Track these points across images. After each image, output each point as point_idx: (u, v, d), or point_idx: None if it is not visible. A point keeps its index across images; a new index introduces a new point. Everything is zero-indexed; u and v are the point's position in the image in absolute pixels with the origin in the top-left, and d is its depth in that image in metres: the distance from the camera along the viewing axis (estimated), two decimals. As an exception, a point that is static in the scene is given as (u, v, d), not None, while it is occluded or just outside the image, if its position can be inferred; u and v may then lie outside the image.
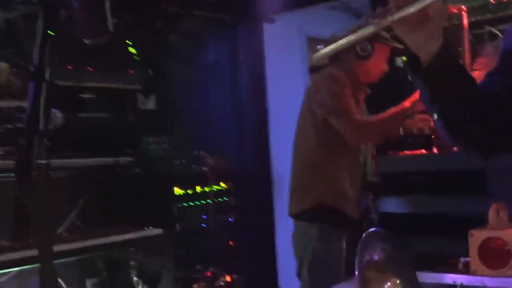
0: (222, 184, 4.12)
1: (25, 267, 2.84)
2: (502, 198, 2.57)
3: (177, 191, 3.83)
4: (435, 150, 2.92)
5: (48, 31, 1.39)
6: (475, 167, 2.68)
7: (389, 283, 1.73)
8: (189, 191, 3.89)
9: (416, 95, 3.07)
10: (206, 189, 3.98)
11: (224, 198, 4.12)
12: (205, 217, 3.95)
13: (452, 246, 2.71)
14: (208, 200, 3.97)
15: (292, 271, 5.32)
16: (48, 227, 1.47)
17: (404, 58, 4.24)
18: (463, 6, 2.97)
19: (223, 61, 5.06)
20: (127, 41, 3.88)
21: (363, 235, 1.68)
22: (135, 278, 3.53)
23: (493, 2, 3.22)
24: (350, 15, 6.10)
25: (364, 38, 1.28)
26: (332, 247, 3.11)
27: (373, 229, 1.74)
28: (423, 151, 2.92)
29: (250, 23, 5.18)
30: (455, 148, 2.86)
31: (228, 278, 4.01)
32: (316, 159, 3.15)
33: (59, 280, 3.12)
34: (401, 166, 2.92)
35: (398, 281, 1.75)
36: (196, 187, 3.95)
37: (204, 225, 3.95)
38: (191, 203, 3.89)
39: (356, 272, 1.68)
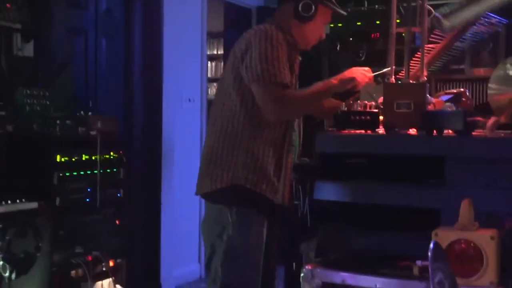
0: (112, 153, 3.50)
1: None
2: (461, 189, 2.23)
3: (59, 157, 3.18)
4: (381, 131, 2.53)
5: None
6: (432, 153, 2.32)
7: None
8: (73, 159, 3.25)
9: (346, 74, 2.69)
10: (94, 157, 3.35)
11: (113, 169, 3.50)
12: (90, 190, 3.33)
13: (400, 245, 2.34)
14: (94, 171, 3.35)
15: (174, 254, 4.86)
16: None
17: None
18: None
19: (117, 12, 4.40)
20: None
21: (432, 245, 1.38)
22: (0, 262, 2.86)
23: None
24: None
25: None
26: (250, 235, 2.64)
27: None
28: (369, 131, 2.52)
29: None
30: (408, 131, 2.49)
31: (111, 263, 3.43)
32: (238, 131, 2.65)
33: None
34: (343, 146, 2.51)
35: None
36: (82, 154, 3.31)
37: (89, 200, 3.33)
38: (74, 173, 3.25)
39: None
